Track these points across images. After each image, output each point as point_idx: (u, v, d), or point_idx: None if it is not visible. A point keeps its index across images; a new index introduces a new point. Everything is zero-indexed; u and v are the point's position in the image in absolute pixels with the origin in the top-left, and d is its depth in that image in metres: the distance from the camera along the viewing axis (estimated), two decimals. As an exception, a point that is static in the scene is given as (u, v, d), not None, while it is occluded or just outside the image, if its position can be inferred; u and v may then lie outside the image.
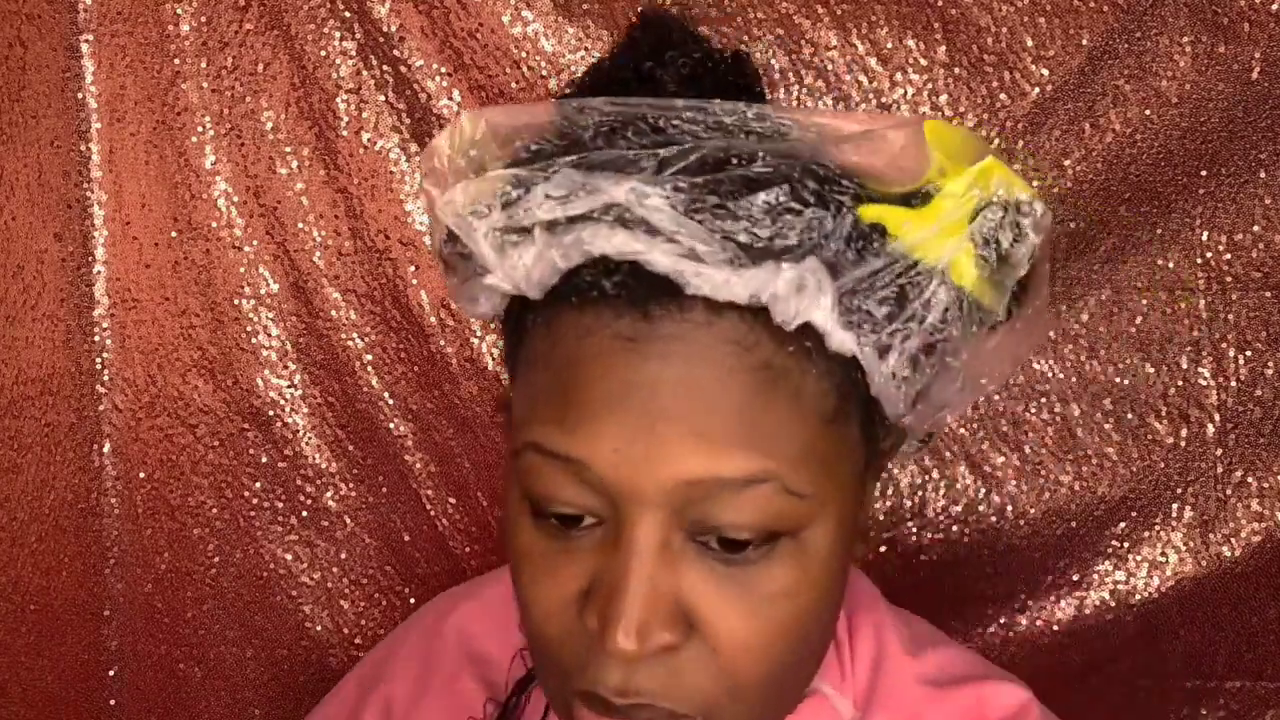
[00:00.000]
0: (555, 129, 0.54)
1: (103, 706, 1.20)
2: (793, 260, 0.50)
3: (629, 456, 0.51)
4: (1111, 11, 1.08)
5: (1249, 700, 1.17)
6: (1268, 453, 1.14)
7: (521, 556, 0.56)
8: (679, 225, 0.50)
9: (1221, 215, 1.11)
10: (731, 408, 0.51)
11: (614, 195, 0.51)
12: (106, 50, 1.13)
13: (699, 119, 0.53)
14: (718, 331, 0.51)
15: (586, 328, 0.52)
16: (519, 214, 0.53)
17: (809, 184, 0.51)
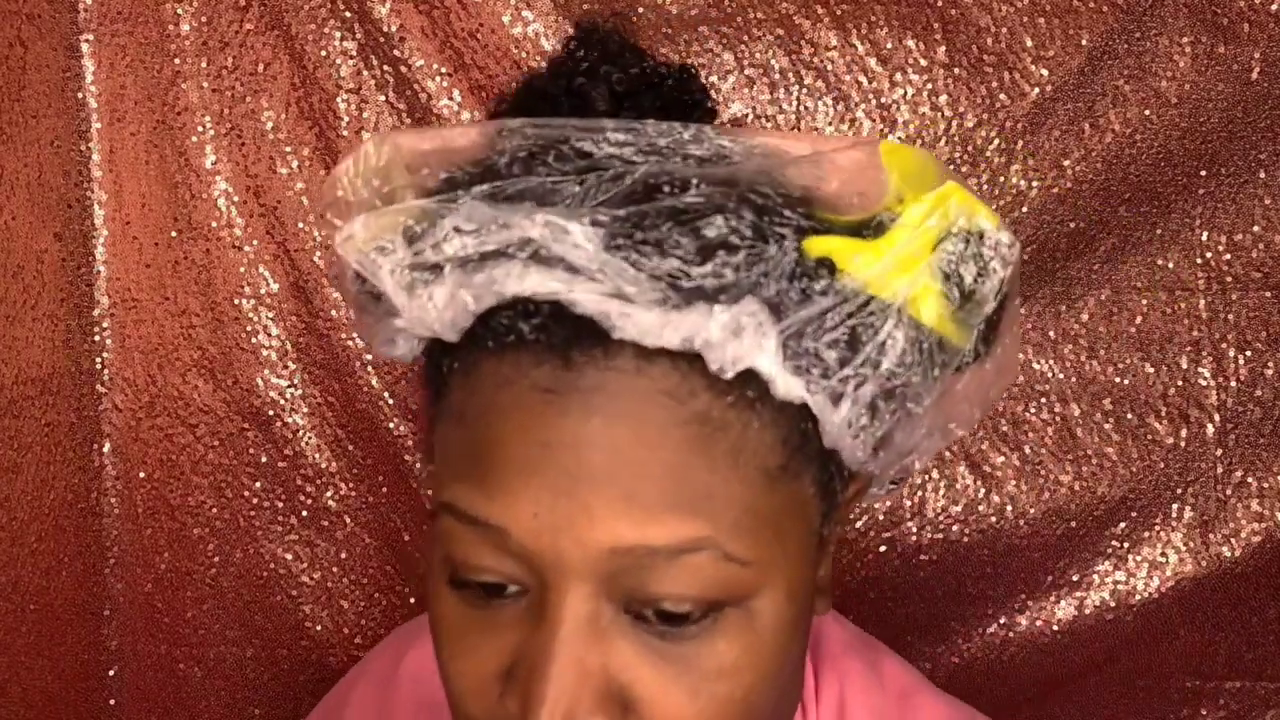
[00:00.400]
0: (469, 155, 0.50)
1: (103, 706, 1.20)
2: (729, 301, 0.45)
3: (550, 523, 0.46)
4: (1111, 12, 1.08)
5: (1249, 700, 1.17)
6: (1268, 453, 1.14)
7: (441, 628, 0.51)
8: (602, 262, 0.45)
9: (1221, 215, 1.11)
10: (663, 467, 0.46)
11: (528, 230, 0.45)
12: (106, 50, 1.13)
13: (629, 141, 0.48)
14: (647, 381, 0.46)
15: (505, 377, 0.47)
16: (426, 250, 0.47)
17: (746, 215, 0.46)
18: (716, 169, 0.48)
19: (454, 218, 0.47)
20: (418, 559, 1.20)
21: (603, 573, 0.47)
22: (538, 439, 0.46)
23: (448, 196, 0.48)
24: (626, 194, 0.46)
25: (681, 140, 0.49)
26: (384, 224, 0.49)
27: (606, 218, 0.45)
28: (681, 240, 0.45)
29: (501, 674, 0.49)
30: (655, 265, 0.45)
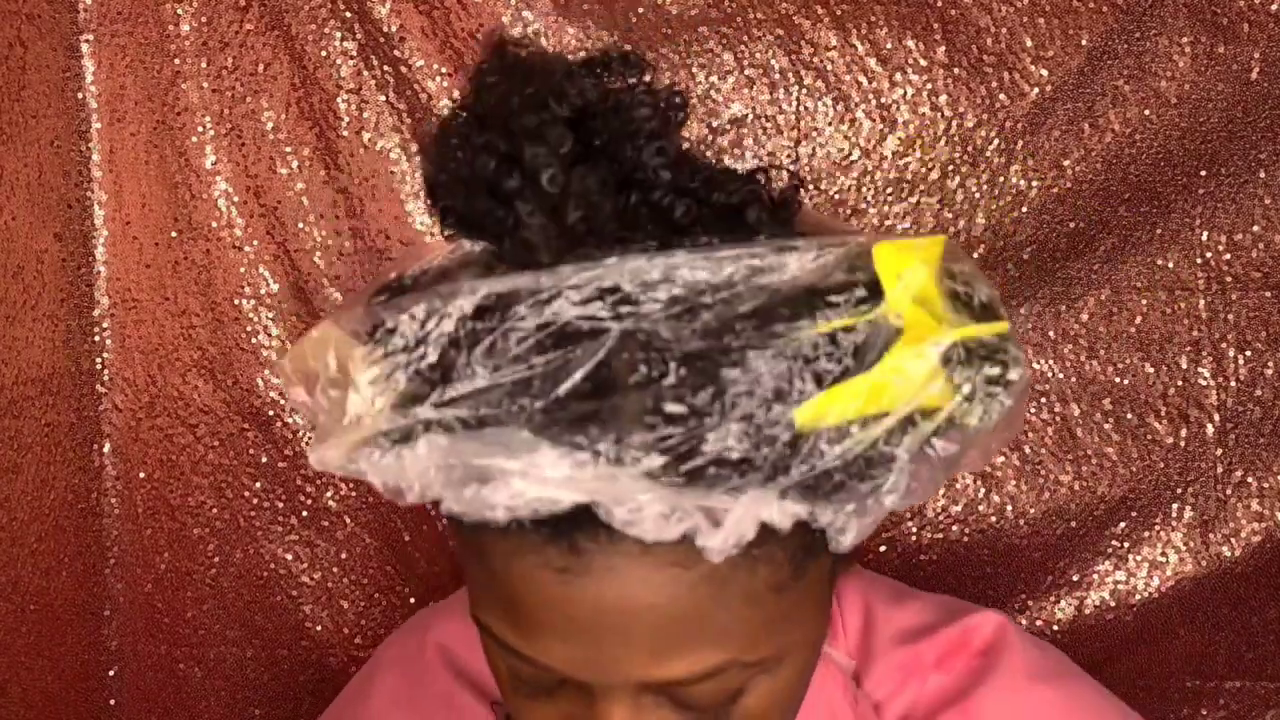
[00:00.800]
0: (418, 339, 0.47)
1: (103, 706, 1.20)
2: (729, 490, 0.44)
3: (585, 664, 0.50)
4: (1111, 12, 1.08)
5: (1249, 700, 1.17)
6: (1268, 453, 1.14)
7: (503, 688, 0.56)
8: (590, 474, 0.44)
9: (1221, 215, 1.11)
10: (677, 621, 0.48)
11: (505, 466, 0.44)
12: (106, 50, 1.13)
13: (590, 293, 0.45)
14: (653, 560, 0.47)
15: (513, 548, 0.48)
16: (408, 466, 0.46)
17: (732, 403, 0.44)
18: (688, 324, 0.45)
19: (423, 455, 0.46)
20: (418, 559, 1.20)
21: (629, 691, 0.50)
22: (559, 610, 0.48)
23: (412, 419, 0.46)
24: (596, 388, 0.44)
25: (649, 282, 0.45)
26: (354, 441, 0.48)
27: (585, 434, 0.44)
28: (667, 442, 0.44)
29: None
30: (647, 468, 0.44)
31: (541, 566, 0.48)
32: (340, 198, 1.14)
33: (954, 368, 0.47)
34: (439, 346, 0.46)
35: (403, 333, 0.47)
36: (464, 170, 0.48)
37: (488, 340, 0.45)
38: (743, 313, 0.45)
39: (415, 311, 0.47)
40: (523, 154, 0.47)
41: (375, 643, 1.21)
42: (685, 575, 0.47)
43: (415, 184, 1.14)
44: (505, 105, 0.48)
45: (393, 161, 1.13)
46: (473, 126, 0.49)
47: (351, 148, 1.13)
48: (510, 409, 0.45)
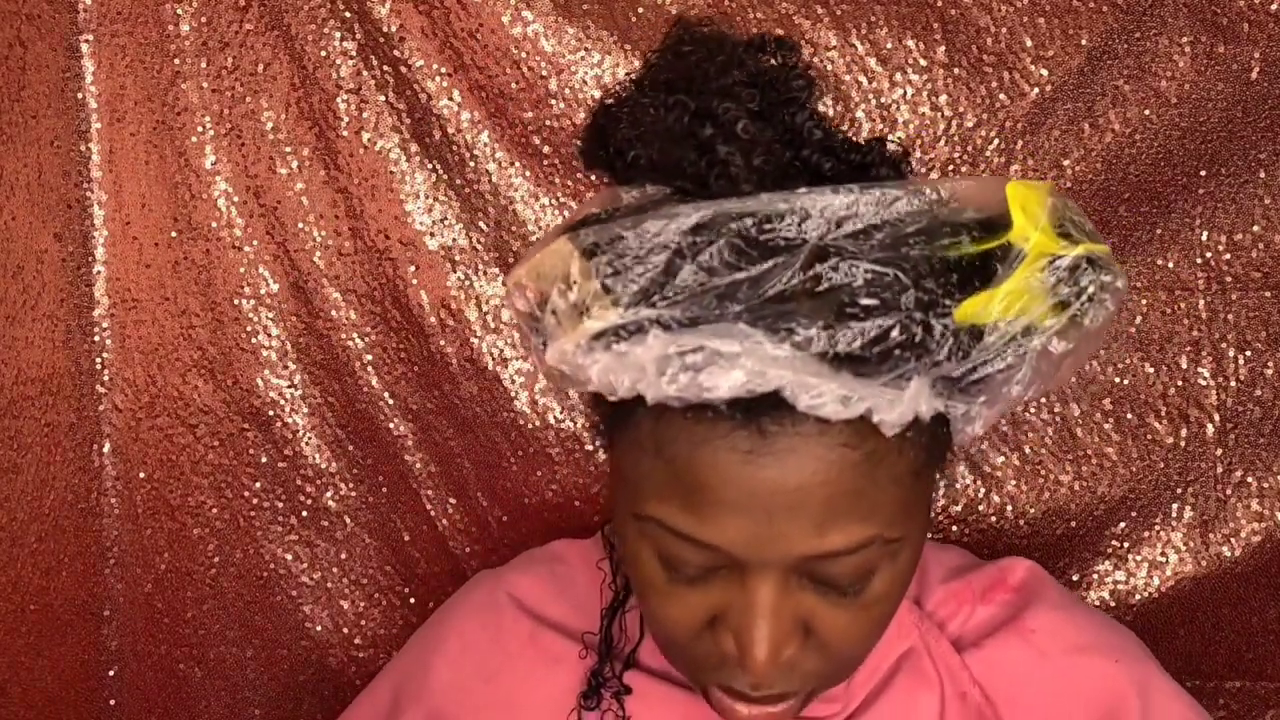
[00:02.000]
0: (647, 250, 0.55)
1: (103, 706, 1.20)
2: (900, 376, 0.54)
3: (753, 539, 0.57)
4: (1111, 12, 1.08)
5: (1249, 700, 1.17)
6: (1268, 453, 1.14)
7: (650, 588, 0.63)
8: (790, 356, 0.53)
9: (1221, 215, 1.11)
10: (841, 495, 0.57)
11: (724, 347, 0.53)
12: (106, 50, 1.13)
13: (787, 211, 0.55)
14: (828, 438, 0.56)
15: (701, 436, 0.56)
16: (630, 358, 0.55)
17: (910, 301, 0.54)
18: (868, 239, 0.55)
19: (655, 342, 0.54)
20: (417, 559, 1.20)
21: (785, 567, 0.59)
22: (742, 488, 0.56)
23: (646, 312, 0.55)
24: (802, 289, 0.54)
25: (833, 208, 0.55)
26: (586, 335, 0.56)
27: (791, 323, 0.53)
28: (859, 334, 0.53)
29: (707, 619, 0.62)
30: (838, 350, 0.53)
31: (729, 450, 0.56)
32: (340, 198, 1.14)
33: (1080, 274, 0.56)
34: (663, 256, 0.55)
35: (631, 245, 0.55)
36: (658, 125, 0.59)
37: (707, 251, 0.54)
38: (908, 233, 0.55)
39: (646, 228, 0.55)
40: (714, 109, 0.58)
41: (375, 643, 1.21)
42: (851, 454, 0.56)
43: (415, 184, 1.14)
44: (699, 70, 0.60)
45: (393, 161, 1.13)
46: (660, 90, 0.60)
47: (351, 148, 1.13)
48: (724, 308, 0.54)
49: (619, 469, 0.63)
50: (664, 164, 0.59)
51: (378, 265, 1.15)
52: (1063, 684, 0.76)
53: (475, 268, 1.15)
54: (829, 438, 0.56)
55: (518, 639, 0.79)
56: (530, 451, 1.17)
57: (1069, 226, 0.57)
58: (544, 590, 0.80)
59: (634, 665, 0.75)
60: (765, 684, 0.62)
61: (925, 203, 0.57)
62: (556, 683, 0.76)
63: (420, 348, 1.16)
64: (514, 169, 1.14)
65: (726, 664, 0.62)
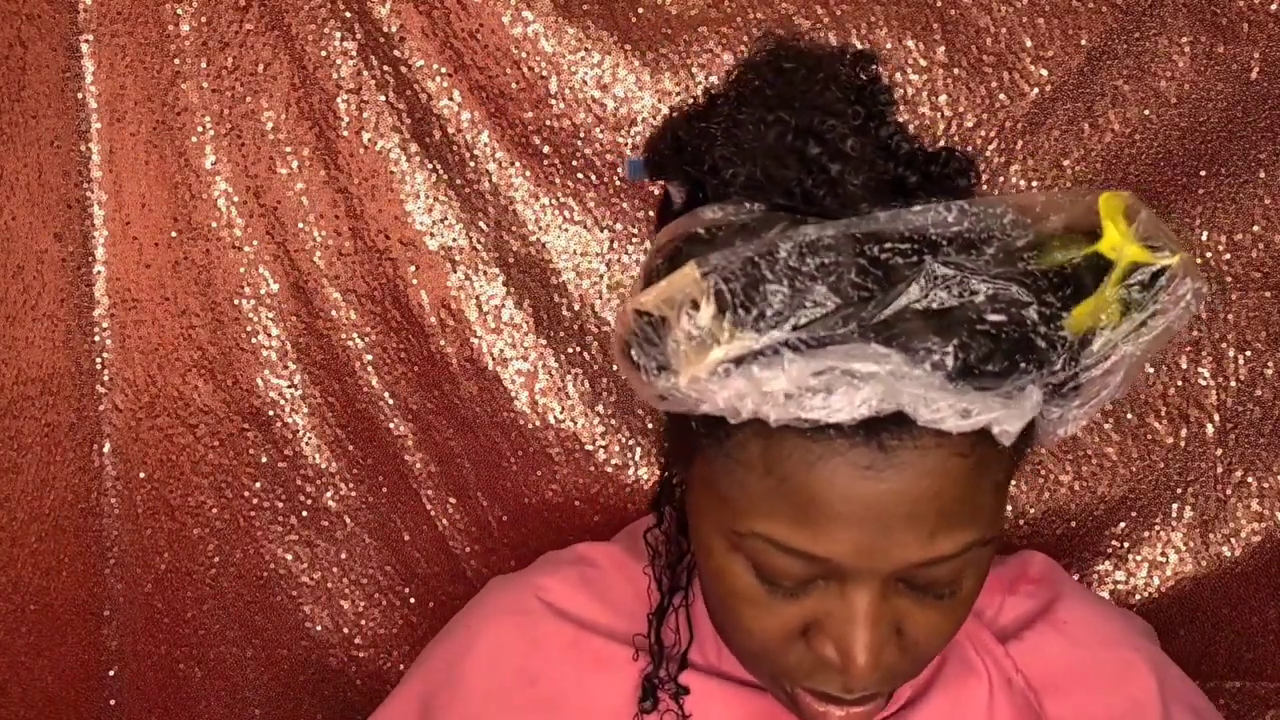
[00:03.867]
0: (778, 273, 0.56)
1: (103, 706, 1.20)
2: (1018, 387, 0.56)
3: (866, 551, 0.59)
4: (1110, 12, 1.08)
5: (1249, 700, 1.17)
6: (1268, 453, 1.14)
7: (740, 599, 0.64)
8: (922, 375, 0.54)
9: (1221, 215, 1.11)
10: (952, 503, 0.59)
11: (860, 368, 0.54)
12: (106, 50, 1.13)
13: (905, 229, 0.57)
14: (944, 450, 0.58)
15: (818, 454, 0.57)
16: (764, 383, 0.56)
17: (1034, 316, 0.56)
18: (980, 256, 0.57)
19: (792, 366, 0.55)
20: (418, 559, 1.20)
21: (887, 575, 0.60)
22: (859, 502, 0.57)
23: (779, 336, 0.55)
24: (927, 312, 0.55)
25: (948, 225, 0.57)
26: (717, 361, 0.56)
27: (924, 344, 0.54)
28: (988, 344, 0.55)
29: (799, 629, 0.63)
30: (957, 367, 0.55)
31: (848, 466, 0.57)
32: (340, 198, 1.14)
33: (1173, 281, 0.58)
34: (795, 279, 0.56)
35: (762, 269, 0.56)
36: (759, 141, 0.60)
37: (836, 273, 0.56)
38: (1019, 247, 0.57)
39: (776, 253, 0.56)
40: (817, 126, 0.59)
41: (375, 643, 1.21)
42: (963, 463, 0.58)
43: (415, 184, 1.14)
44: (798, 85, 0.61)
45: (393, 161, 1.13)
46: (756, 106, 0.61)
47: (351, 148, 1.13)
48: (855, 328, 0.55)
49: (711, 487, 0.63)
50: (768, 181, 0.60)
51: (378, 265, 1.15)
52: (1095, 673, 0.79)
53: (475, 268, 1.15)
54: (945, 449, 0.58)
55: (559, 644, 0.78)
56: (530, 451, 1.17)
57: (1156, 235, 0.59)
58: (580, 594, 0.80)
59: (686, 666, 0.76)
60: (862, 687, 0.63)
61: (1027, 216, 0.59)
62: (607, 687, 0.76)
63: (420, 348, 1.16)
64: (514, 169, 1.14)
65: (821, 669, 0.64)
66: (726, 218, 0.61)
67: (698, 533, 0.66)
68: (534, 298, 1.16)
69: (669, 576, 0.76)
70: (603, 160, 1.13)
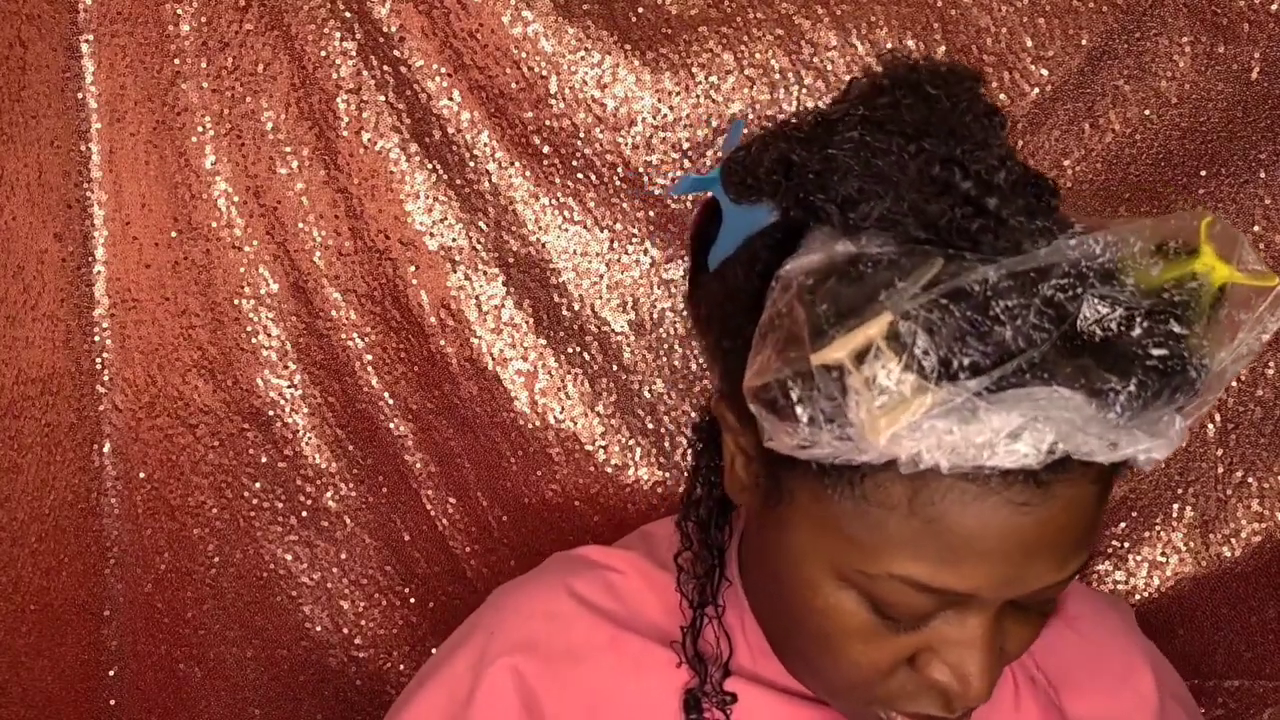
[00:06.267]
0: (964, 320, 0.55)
1: (103, 706, 1.20)
2: (1165, 419, 0.56)
3: (1005, 581, 0.59)
4: (1111, 12, 1.08)
5: (1248, 699, 1.17)
6: (1268, 453, 1.14)
7: (850, 636, 0.63)
8: (1089, 417, 0.54)
9: (1221, 215, 1.11)
10: (1084, 528, 0.60)
11: (1051, 413, 0.54)
12: (106, 50, 1.13)
13: (1065, 266, 0.56)
14: (1088, 480, 0.58)
15: (974, 494, 0.57)
16: (961, 434, 0.55)
17: (1188, 350, 0.56)
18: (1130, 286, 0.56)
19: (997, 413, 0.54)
20: (417, 559, 1.20)
21: (1008, 599, 0.61)
22: (1010, 538, 0.57)
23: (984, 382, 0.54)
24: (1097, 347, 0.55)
25: (1093, 254, 0.57)
26: (910, 417, 0.55)
27: (1113, 385, 0.54)
28: (1150, 381, 0.55)
29: (904, 659, 0.63)
30: (1138, 406, 0.55)
31: (1005, 504, 0.57)
32: (340, 198, 1.14)
33: (1277, 305, 0.57)
34: (977, 325, 0.54)
35: (951, 317, 0.54)
36: (900, 173, 0.58)
37: (1016, 315, 0.54)
38: (1155, 277, 0.57)
39: (960, 300, 0.54)
40: (962, 157, 0.57)
41: (375, 643, 1.21)
42: (1095, 489, 0.59)
43: (415, 184, 1.14)
44: (939, 113, 0.59)
45: (393, 161, 1.13)
46: (895, 134, 0.58)
47: (351, 148, 1.13)
48: (1039, 372, 0.54)
49: (829, 527, 0.61)
50: (913, 215, 0.58)
51: (378, 265, 1.15)
52: (1105, 666, 0.80)
53: (475, 268, 1.15)
54: (1089, 480, 0.58)
55: (596, 643, 0.76)
56: (530, 451, 1.17)
57: (1249, 259, 0.59)
58: (609, 597, 0.78)
59: (729, 674, 0.75)
60: (973, 707, 0.64)
61: (1149, 240, 0.58)
62: (648, 689, 0.75)
63: (420, 348, 1.16)
64: (514, 169, 1.14)
65: (926, 693, 0.64)
66: (864, 252, 0.58)
67: (795, 570, 0.64)
68: (534, 298, 1.16)
69: (699, 593, 0.75)
70: (603, 160, 1.13)
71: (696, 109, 1.12)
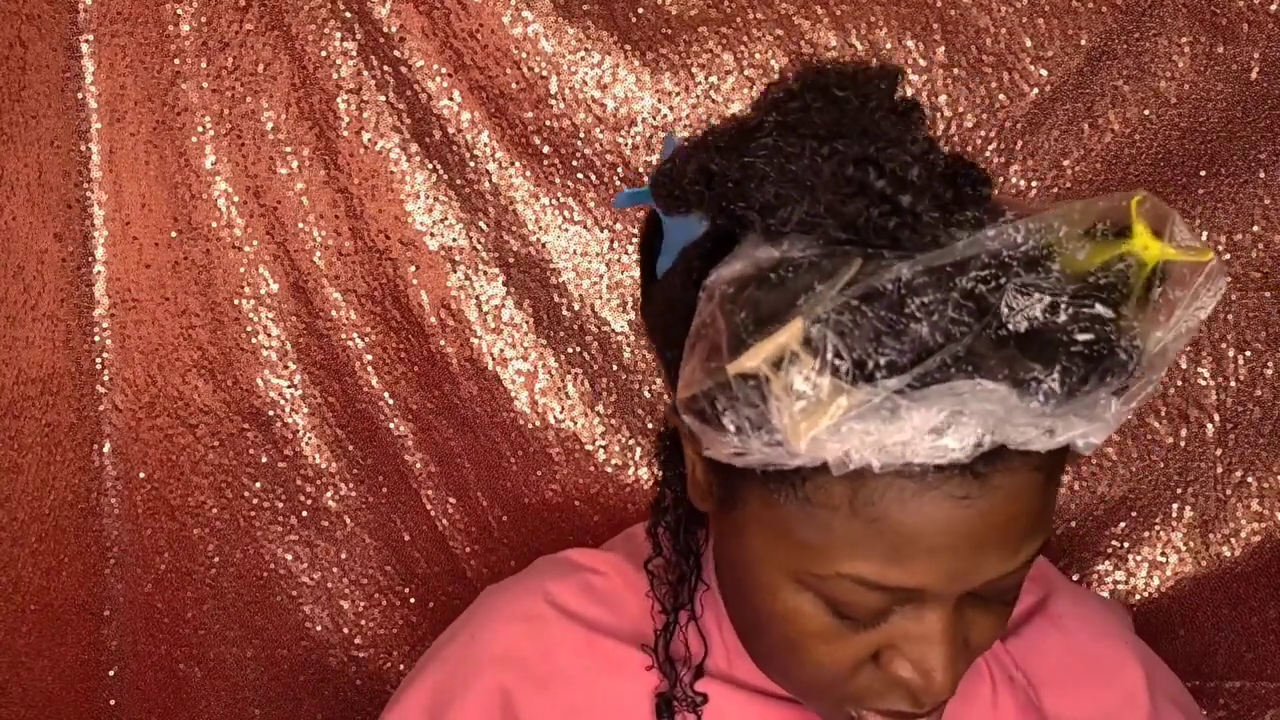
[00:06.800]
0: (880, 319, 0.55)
1: (103, 706, 1.20)
2: (1099, 403, 0.56)
3: (955, 575, 0.59)
4: (1110, 12, 1.08)
5: (1248, 700, 1.17)
6: (1268, 453, 1.14)
7: (810, 637, 0.63)
8: (1031, 406, 0.54)
9: (1221, 215, 1.11)
10: (1032, 516, 0.59)
11: (974, 407, 0.54)
12: (106, 50, 1.13)
13: (985, 258, 0.56)
14: (1029, 469, 0.58)
15: (912, 491, 0.57)
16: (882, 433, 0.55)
17: (1116, 332, 0.55)
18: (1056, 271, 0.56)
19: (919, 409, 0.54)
20: (417, 559, 1.20)
21: (963, 592, 0.61)
22: (956, 533, 0.58)
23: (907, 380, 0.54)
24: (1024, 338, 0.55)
25: (1018, 245, 0.56)
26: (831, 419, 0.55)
27: (1037, 375, 0.54)
28: (1075, 368, 0.55)
29: (867, 658, 0.63)
30: (1064, 393, 0.54)
31: (944, 499, 0.57)
32: (340, 198, 1.14)
33: (1214, 278, 0.57)
34: (899, 324, 0.54)
35: (866, 316, 0.54)
36: (815, 175, 0.57)
37: (937, 312, 0.54)
38: (1081, 260, 0.56)
39: (874, 300, 0.54)
40: (877, 156, 0.57)
41: (375, 643, 1.21)
42: (1041, 476, 0.59)
43: (415, 184, 1.14)
44: (851, 114, 0.59)
45: (393, 161, 1.13)
46: (808, 137, 0.58)
47: (351, 148, 1.13)
48: (961, 366, 0.54)
49: (778, 531, 0.61)
50: (830, 216, 0.57)
51: (378, 265, 1.15)
52: (1090, 666, 0.80)
53: (475, 268, 1.15)
54: (1029, 467, 0.58)
55: (571, 648, 0.77)
56: (530, 451, 1.17)
57: (1187, 234, 0.58)
58: (586, 600, 0.78)
59: (702, 674, 0.75)
60: (939, 701, 0.64)
61: (1077, 224, 0.57)
62: (622, 692, 0.75)
63: (420, 348, 1.16)
64: (514, 169, 1.14)
65: (894, 689, 0.64)
66: (786, 257, 0.58)
67: (753, 575, 0.64)
68: (534, 298, 1.16)
69: (672, 598, 0.76)
70: (603, 160, 1.13)
71: (696, 109, 1.12)
